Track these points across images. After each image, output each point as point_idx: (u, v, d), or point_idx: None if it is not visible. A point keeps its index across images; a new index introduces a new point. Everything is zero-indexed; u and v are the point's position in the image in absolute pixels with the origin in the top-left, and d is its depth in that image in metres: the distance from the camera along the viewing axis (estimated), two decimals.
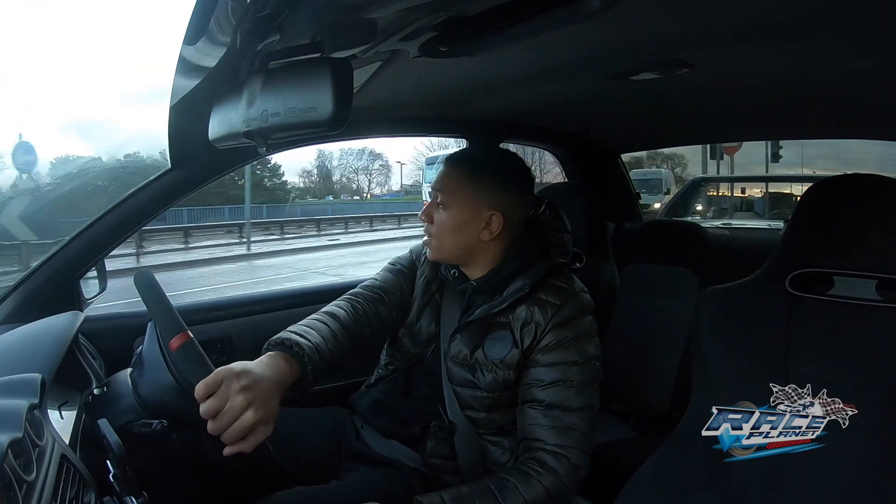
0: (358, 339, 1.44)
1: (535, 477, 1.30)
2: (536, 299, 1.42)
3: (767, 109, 2.01)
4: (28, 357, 1.17)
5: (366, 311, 1.50)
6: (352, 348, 1.42)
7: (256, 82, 1.04)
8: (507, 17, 1.10)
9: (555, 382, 1.37)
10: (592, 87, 1.74)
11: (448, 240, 1.47)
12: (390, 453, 1.49)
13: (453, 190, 1.45)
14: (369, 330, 1.48)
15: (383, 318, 1.53)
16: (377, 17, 1.05)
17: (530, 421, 1.36)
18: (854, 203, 1.31)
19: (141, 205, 1.63)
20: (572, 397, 1.36)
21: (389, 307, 1.54)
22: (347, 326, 1.42)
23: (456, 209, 1.45)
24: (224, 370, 1.12)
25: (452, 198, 1.45)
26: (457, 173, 1.46)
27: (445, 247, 1.48)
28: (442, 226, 1.46)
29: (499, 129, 2.29)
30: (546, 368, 1.38)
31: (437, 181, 1.48)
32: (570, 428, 1.34)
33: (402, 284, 1.60)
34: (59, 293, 1.60)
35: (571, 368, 1.37)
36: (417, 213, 1.54)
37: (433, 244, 1.49)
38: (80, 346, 1.46)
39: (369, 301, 1.52)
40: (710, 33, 1.27)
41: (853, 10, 1.10)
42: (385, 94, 1.71)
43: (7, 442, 0.82)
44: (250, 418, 1.10)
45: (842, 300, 1.29)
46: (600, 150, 2.75)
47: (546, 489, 1.29)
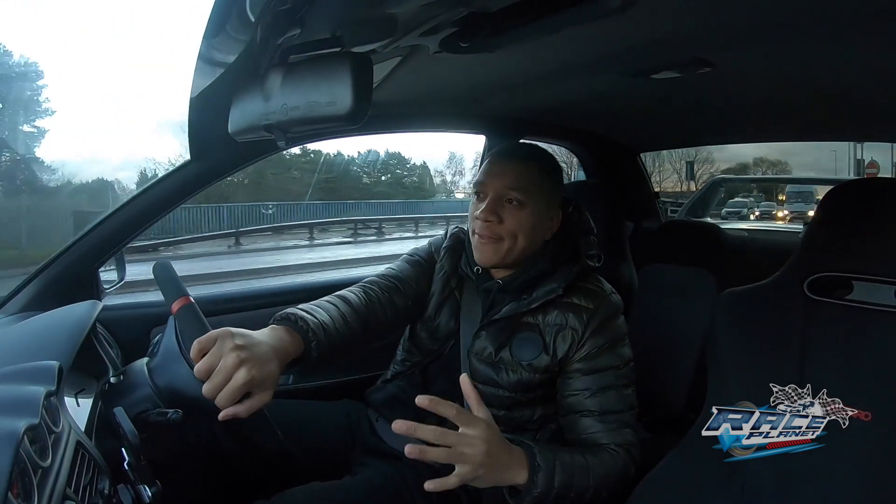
0: (369, 325, 1.41)
1: (615, 456, 1.33)
2: (569, 304, 1.41)
3: (789, 111, 1.99)
4: (46, 345, 1.19)
5: (379, 298, 1.47)
6: (363, 333, 1.39)
7: (276, 76, 1.04)
8: (527, 14, 1.10)
9: (602, 389, 1.37)
10: (613, 86, 1.73)
11: (523, 241, 1.43)
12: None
13: (529, 188, 1.42)
14: (382, 317, 1.45)
15: (398, 307, 1.50)
16: (397, 12, 1.05)
17: (587, 431, 1.36)
18: (875, 207, 1.29)
19: (160, 196, 1.64)
20: (620, 400, 1.37)
21: (404, 296, 1.52)
22: (358, 310, 1.40)
23: (533, 208, 1.42)
24: (219, 330, 1.11)
25: (529, 196, 1.42)
26: (530, 170, 1.44)
27: (519, 247, 1.43)
28: (520, 226, 1.42)
29: (518, 125, 2.28)
30: (592, 377, 1.38)
31: (503, 178, 1.43)
32: (625, 426, 1.36)
33: (418, 276, 1.58)
34: (78, 282, 1.61)
35: (616, 373, 1.38)
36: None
37: (505, 246, 1.43)
38: (98, 335, 1.47)
39: (383, 289, 1.50)
40: (732, 32, 1.25)
41: (878, 9, 1.09)
42: (404, 90, 1.70)
43: (24, 428, 0.83)
44: (242, 376, 1.06)
45: (860, 305, 1.28)
46: (620, 148, 2.73)
47: (618, 471, 1.32)
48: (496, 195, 1.42)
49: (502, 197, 1.42)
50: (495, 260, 1.44)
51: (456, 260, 1.57)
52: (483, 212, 1.42)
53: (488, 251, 1.43)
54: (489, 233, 1.42)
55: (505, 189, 1.42)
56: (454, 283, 1.57)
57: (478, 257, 1.46)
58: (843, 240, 1.31)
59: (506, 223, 1.42)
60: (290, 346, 1.20)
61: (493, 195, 1.43)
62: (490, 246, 1.43)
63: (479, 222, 1.43)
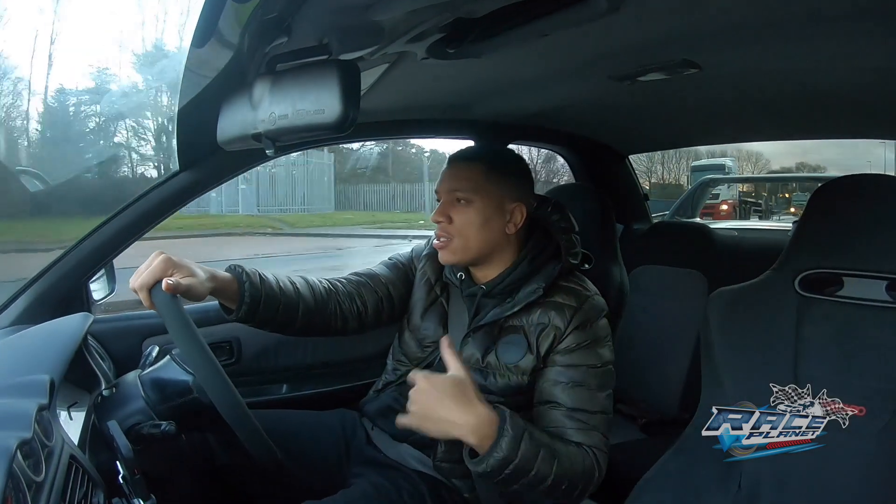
0: (325, 305, 1.49)
1: (580, 451, 1.29)
2: (551, 303, 1.41)
3: (776, 110, 2.00)
4: (37, 358, 1.18)
5: (346, 287, 1.53)
6: (315, 308, 1.47)
7: (264, 84, 1.04)
8: (514, 19, 1.10)
9: (575, 384, 1.35)
10: (600, 89, 1.73)
11: (474, 237, 1.44)
12: (400, 457, 1.49)
13: (474, 186, 1.43)
14: (346, 305, 1.51)
15: (365, 300, 1.54)
16: (384, 19, 1.05)
17: (555, 424, 1.34)
18: (863, 203, 1.30)
19: (150, 207, 1.63)
20: (592, 401, 1.34)
21: (373, 293, 1.56)
22: (314, 287, 1.48)
23: (480, 204, 1.43)
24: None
25: (474, 194, 1.43)
26: (473, 170, 1.45)
27: (471, 245, 1.45)
28: (467, 223, 1.43)
29: (506, 130, 2.28)
30: (566, 369, 1.37)
31: (449, 180, 1.46)
32: (593, 429, 1.33)
33: (394, 278, 1.60)
34: (69, 295, 1.60)
35: (590, 371, 1.36)
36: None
37: (456, 244, 1.45)
38: (90, 348, 1.46)
39: (352, 282, 1.56)
40: (718, 34, 1.26)
41: (864, 7, 1.09)
42: (393, 96, 1.71)
43: (16, 442, 0.82)
44: (159, 260, 1.22)
45: (851, 301, 1.29)
46: (608, 151, 2.74)
47: (584, 468, 1.28)
48: (447, 197, 1.46)
49: (451, 196, 1.45)
50: (452, 259, 1.47)
51: (439, 267, 1.58)
52: (435, 213, 1.47)
53: (443, 252, 1.47)
54: (441, 232, 1.46)
55: (452, 188, 1.45)
56: (439, 290, 1.57)
57: (440, 258, 1.49)
58: (832, 237, 1.32)
59: (455, 222, 1.44)
60: (225, 280, 1.34)
61: (444, 198, 1.47)
62: (446, 246, 1.46)
63: (436, 225, 1.47)
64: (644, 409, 2.21)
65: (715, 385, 1.39)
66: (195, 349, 1.15)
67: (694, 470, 1.36)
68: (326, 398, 1.91)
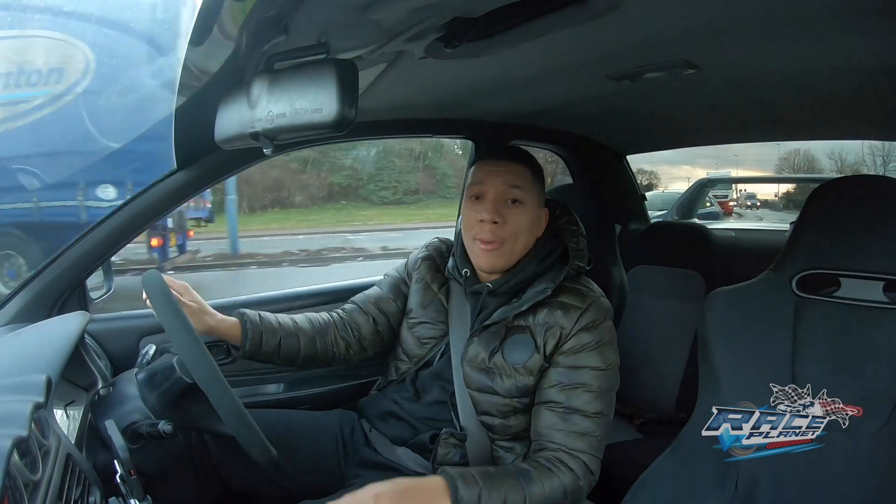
0: (327, 338, 1.57)
1: (556, 473, 1.28)
2: (557, 303, 1.40)
3: (774, 110, 2.00)
4: (34, 357, 1.18)
5: (342, 318, 1.61)
6: (317, 342, 1.55)
7: (262, 83, 1.04)
8: (512, 18, 1.10)
9: (575, 386, 1.34)
10: (598, 89, 1.73)
11: (522, 240, 1.42)
12: (399, 459, 1.48)
13: (527, 187, 1.41)
14: (345, 335, 1.60)
15: (358, 325, 1.61)
16: (382, 18, 1.05)
17: (548, 424, 1.34)
18: (860, 204, 1.30)
19: (147, 206, 1.62)
20: (591, 402, 1.34)
21: (363, 315, 1.62)
22: (314, 324, 1.57)
23: (530, 206, 1.42)
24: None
25: (527, 194, 1.41)
26: (525, 169, 1.43)
27: (518, 248, 1.42)
28: (519, 225, 1.40)
29: (505, 130, 2.28)
30: (568, 370, 1.36)
31: (504, 178, 1.41)
32: (587, 433, 1.32)
33: (383, 295, 1.64)
34: (66, 293, 1.60)
35: (593, 373, 1.35)
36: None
37: (506, 248, 1.40)
38: (87, 347, 1.46)
39: (346, 311, 1.63)
40: (717, 34, 1.26)
41: (862, 8, 1.10)
42: (391, 96, 1.70)
43: (12, 441, 0.82)
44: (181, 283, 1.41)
45: (848, 302, 1.29)
46: (607, 151, 2.74)
47: (564, 487, 1.28)
48: (497, 195, 1.40)
49: (503, 196, 1.40)
50: (501, 265, 1.42)
51: (435, 267, 1.57)
52: (489, 212, 1.38)
53: (491, 255, 1.41)
54: (492, 236, 1.39)
55: (506, 188, 1.40)
56: (436, 288, 1.56)
57: (482, 263, 1.43)
58: (829, 238, 1.32)
59: (509, 224, 1.39)
60: (227, 320, 1.46)
61: (494, 195, 1.40)
62: (496, 251, 1.40)
63: (483, 225, 1.39)
64: (641, 409, 2.21)
65: (713, 385, 1.39)
66: (177, 326, 1.16)
67: (691, 470, 1.36)
68: (325, 397, 1.90)
